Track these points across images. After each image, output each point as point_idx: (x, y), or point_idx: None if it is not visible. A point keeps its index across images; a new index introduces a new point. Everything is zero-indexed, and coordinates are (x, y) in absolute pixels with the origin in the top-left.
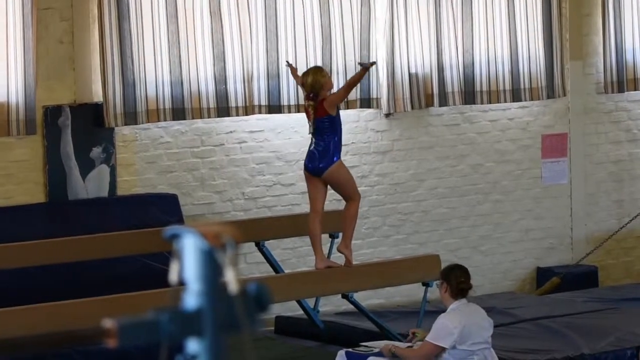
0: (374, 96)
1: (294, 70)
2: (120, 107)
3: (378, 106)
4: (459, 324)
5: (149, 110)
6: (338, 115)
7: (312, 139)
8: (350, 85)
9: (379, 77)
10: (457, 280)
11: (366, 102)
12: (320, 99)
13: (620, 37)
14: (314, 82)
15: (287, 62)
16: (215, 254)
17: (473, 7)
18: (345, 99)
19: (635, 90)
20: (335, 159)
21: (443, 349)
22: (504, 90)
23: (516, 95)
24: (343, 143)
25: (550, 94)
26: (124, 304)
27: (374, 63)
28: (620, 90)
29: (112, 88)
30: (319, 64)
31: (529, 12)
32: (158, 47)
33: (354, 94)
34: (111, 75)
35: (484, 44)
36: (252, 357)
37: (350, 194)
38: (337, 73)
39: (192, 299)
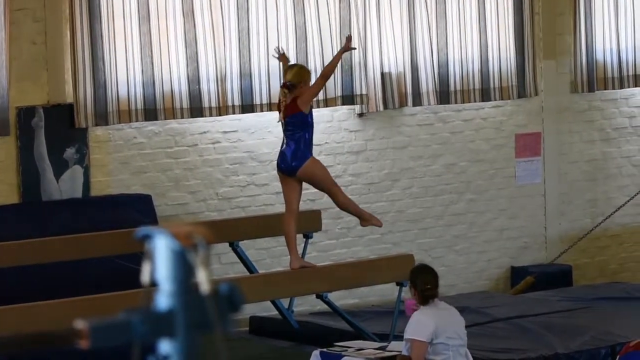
0: (356, 93)
1: (283, 58)
2: (91, 108)
3: (361, 102)
4: (433, 317)
5: (120, 111)
6: (310, 113)
7: (283, 139)
8: (326, 73)
9: (355, 77)
10: (422, 288)
11: (349, 99)
12: (295, 95)
13: (591, 37)
14: (298, 71)
15: (278, 48)
16: (187, 254)
17: (447, 6)
18: (324, 97)
19: (605, 89)
20: (307, 155)
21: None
22: (475, 90)
23: (487, 94)
24: (316, 143)
25: (522, 93)
26: (96, 305)
27: (354, 48)
28: (591, 89)
29: (83, 89)
30: (294, 63)
31: (501, 12)
32: (130, 47)
33: (334, 91)
34: (82, 76)
35: (457, 43)
36: (225, 357)
37: (329, 186)
38: (315, 72)
39: (164, 300)
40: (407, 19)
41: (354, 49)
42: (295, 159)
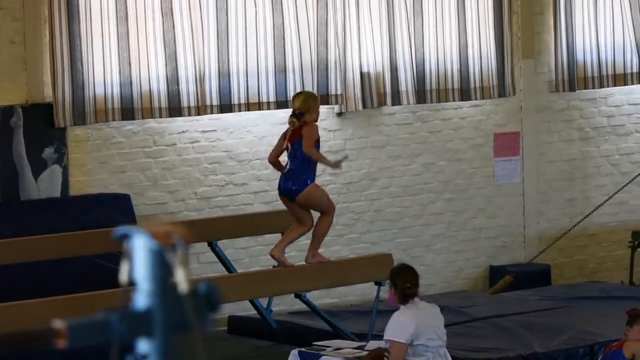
0: (332, 93)
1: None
2: (70, 108)
3: (337, 102)
4: (414, 319)
5: (97, 110)
6: (316, 141)
7: (287, 162)
8: (323, 161)
9: (331, 76)
10: (402, 286)
11: (325, 99)
12: (303, 121)
13: (571, 36)
14: (305, 99)
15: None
16: (165, 254)
17: (425, 6)
18: None
19: (585, 88)
20: (309, 182)
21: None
22: (454, 89)
23: (466, 94)
24: None
25: (501, 92)
26: (74, 305)
27: (345, 157)
28: (572, 88)
29: (62, 88)
30: (272, 63)
31: (480, 11)
32: (107, 47)
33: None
34: (61, 76)
35: (436, 43)
36: (204, 357)
37: (324, 209)
38: (293, 72)
39: (142, 299)
40: (386, 19)
41: (340, 168)
42: (296, 183)
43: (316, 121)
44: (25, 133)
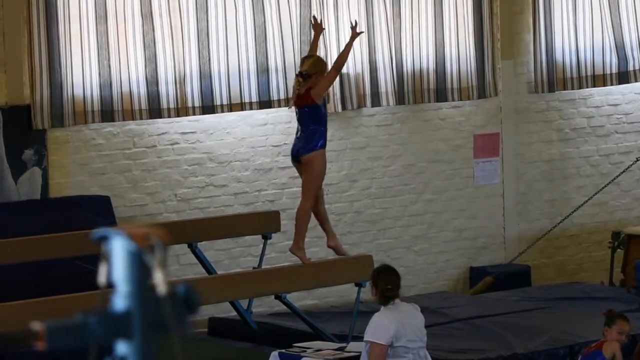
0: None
1: (318, 27)
2: (48, 109)
3: None
4: (394, 320)
5: (76, 112)
6: (324, 104)
7: (297, 127)
8: (339, 64)
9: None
10: (383, 288)
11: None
12: (309, 86)
13: (550, 37)
14: (315, 62)
15: (314, 18)
16: (143, 256)
17: (404, 7)
18: (285, 97)
19: (564, 89)
20: (318, 146)
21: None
22: (431, 90)
23: (444, 94)
24: (276, 144)
25: (482, 93)
26: (53, 307)
27: (361, 32)
28: (551, 89)
29: (40, 90)
30: (254, 63)
31: (459, 12)
32: (87, 49)
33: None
34: (39, 78)
35: (416, 44)
36: (183, 358)
37: (308, 187)
38: (276, 71)
39: (121, 301)
40: (365, 20)
41: (362, 32)
42: (304, 147)
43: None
44: (5, 135)
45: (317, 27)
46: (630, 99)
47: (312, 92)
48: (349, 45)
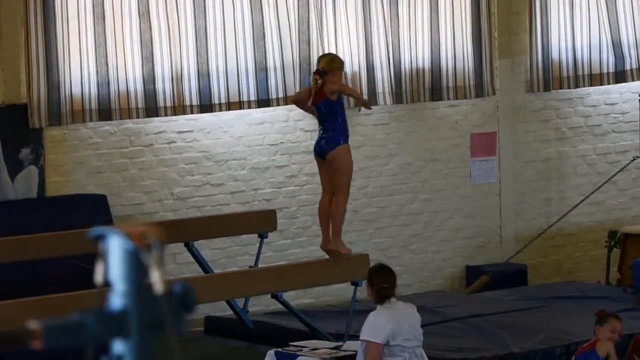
0: None
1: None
2: (45, 108)
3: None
4: (390, 319)
5: (74, 111)
6: (339, 101)
7: (319, 126)
8: (353, 93)
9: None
10: (379, 287)
11: None
12: (323, 82)
13: (546, 36)
14: (331, 59)
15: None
16: (140, 255)
17: (402, 7)
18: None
19: (560, 88)
20: (341, 141)
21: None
22: (427, 89)
23: (441, 93)
24: (272, 143)
25: (479, 92)
26: (50, 306)
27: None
28: (547, 88)
29: (37, 89)
30: (252, 62)
31: (456, 11)
32: (84, 48)
33: (293, 89)
34: (36, 76)
35: (413, 44)
36: (179, 357)
37: (340, 185)
38: (275, 70)
39: (117, 300)
40: (363, 19)
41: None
42: (328, 143)
43: (339, 80)
44: (2, 134)
45: (364, 105)
46: (627, 98)
47: (325, 87)
48: (355, 94)
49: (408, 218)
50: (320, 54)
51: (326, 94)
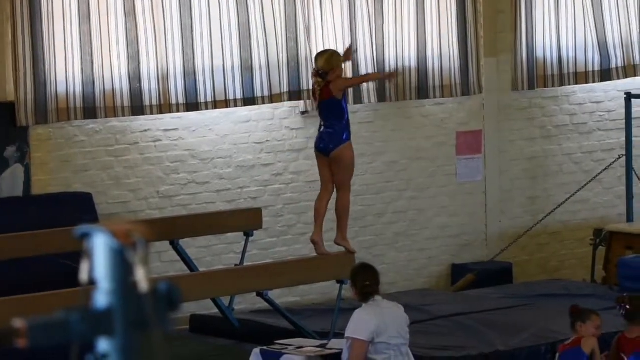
0: (304, 88)
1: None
2: (32, 106)
3: (310, 97)
4: (375, 317)
5: (59, 109)
6: (344, 99)
7: (320, 122)
8: (364, 78)
9: (302, 73)
10: (362, 284)
11: (296, 94)
12: (328, 80)
13: (531, 34)
14: (329, 58)
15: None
16: (125, 253)
17: (384, 4)
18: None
19: (545, 87)
20: (344, 138)
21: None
22: (413, 87)
23: (426, 92)
24: (257, 141)
25: (465, 91)
26: (35, 304)
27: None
28: (531, 87)
29: (24, 87)
30: (238, 60)
31: (442, 9)
32: (70, 46)
33: (280, 87)
34: (23, 75)
35: (396, 41)
36: (165, 356)
37: (344, 181)
38: (260, 69)
39: (102, 298)
40: (348, 17)
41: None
42: (332, 141)
43: (340, 77)
44: None
45: (348, 53)
46: (613, 96)
47: (332, 86)
48: (368, 78)
49: (393, 216)
50: (307, 52)
51: (332, 92)
